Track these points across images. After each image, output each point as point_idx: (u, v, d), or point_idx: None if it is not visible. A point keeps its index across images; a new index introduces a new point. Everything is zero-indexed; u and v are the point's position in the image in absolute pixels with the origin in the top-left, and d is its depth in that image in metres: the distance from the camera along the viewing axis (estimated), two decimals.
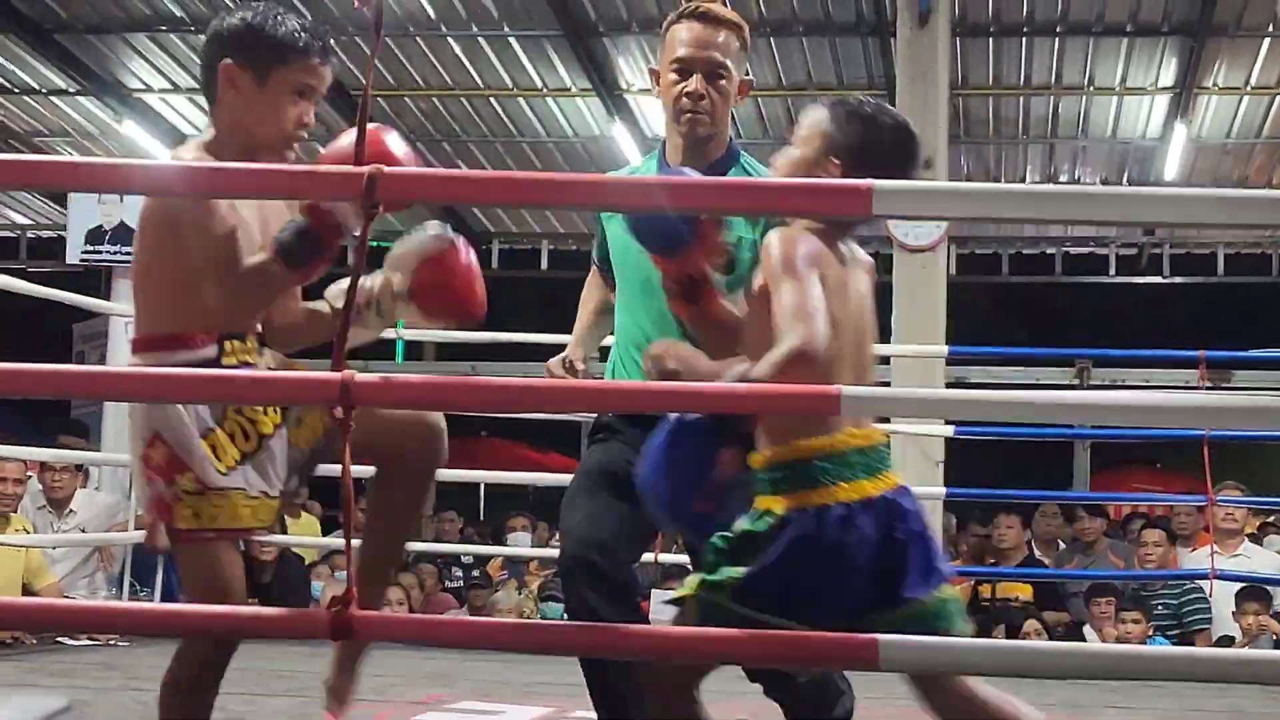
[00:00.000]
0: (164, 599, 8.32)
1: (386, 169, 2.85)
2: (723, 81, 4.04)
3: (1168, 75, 13.15)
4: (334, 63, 3.43)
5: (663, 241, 3.28)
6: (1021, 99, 13.85)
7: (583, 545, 3.90)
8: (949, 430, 8.62)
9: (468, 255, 3.36)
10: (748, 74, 4.17)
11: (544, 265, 17.38)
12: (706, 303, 3.36)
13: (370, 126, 2.97)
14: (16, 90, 14.52)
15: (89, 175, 3.40)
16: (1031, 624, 8.68)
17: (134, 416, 3.27)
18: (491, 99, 14.27)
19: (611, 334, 4.38)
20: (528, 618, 9.68)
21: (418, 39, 13.12)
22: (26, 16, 13.19)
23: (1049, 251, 16.77)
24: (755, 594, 3.02)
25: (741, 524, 3.06)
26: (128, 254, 10.40)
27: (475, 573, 10.92)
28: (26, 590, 7.98)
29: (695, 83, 4.00)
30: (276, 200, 3.36)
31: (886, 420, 8.87)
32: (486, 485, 15.57)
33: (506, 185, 3.64)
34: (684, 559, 10.01)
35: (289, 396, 3.30)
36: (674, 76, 4.01)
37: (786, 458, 3.06)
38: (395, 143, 3.20)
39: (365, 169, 2.81)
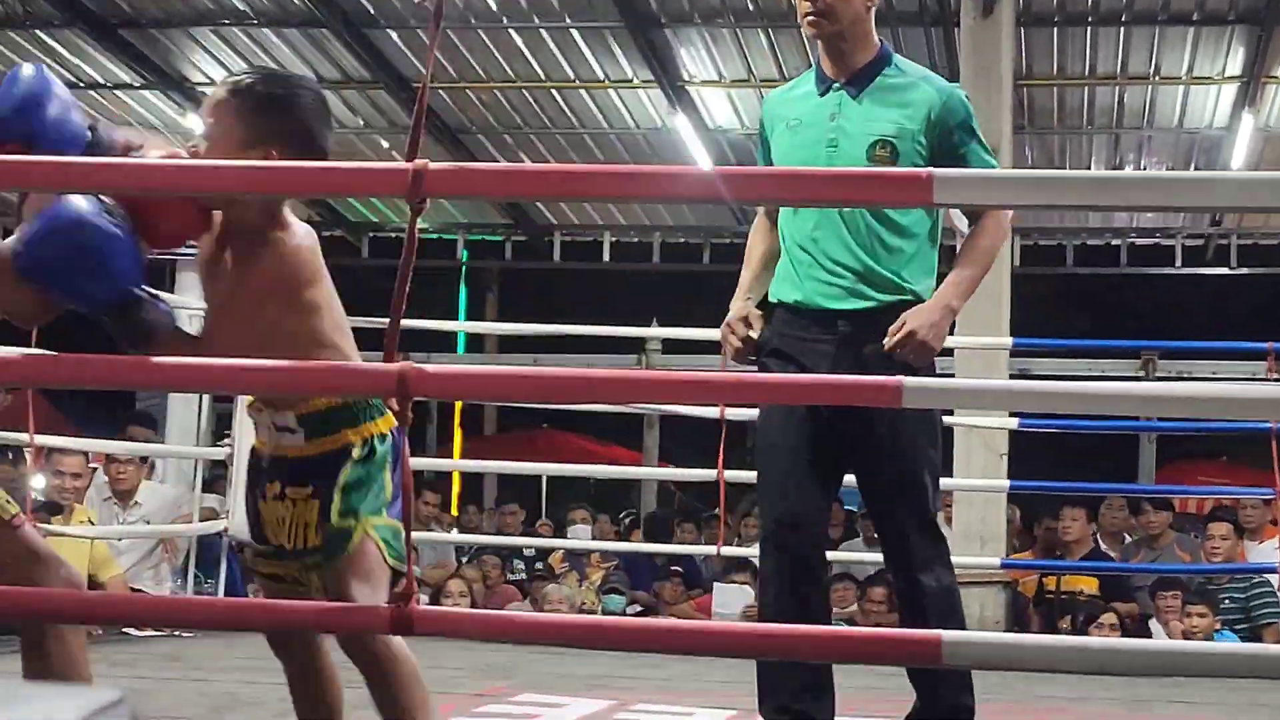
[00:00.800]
0: (228, 591, 8.36)
1: (432, 165, 2.85)
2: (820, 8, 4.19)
3: (1235, 64, 13.04)
4: None
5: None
6: (1086, 89, 13.76)
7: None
8: (1013, 423, 8.57)
9: None
10: None
11: (605, 257, 17.34)
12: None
13: None
14: (83, 84, 14.60)
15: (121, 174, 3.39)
16: (1108, 617, 8.62)
17: None
18: (553, 90, 14.26)
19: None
20: (588, 610, 9.68)
21: (479, 31, 13.12)
22: (92, 12, 13.27)
23: (1114, 243, 16.67)
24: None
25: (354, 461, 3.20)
26: (188, 249, 10.45)
27: (538, 565, 10.93)
28: (92, 582, 8.04)
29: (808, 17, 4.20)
30: None
31: (950, 412, 8.89)
32: (548, 477, 15.58)
33: (548, 178, 3.63)
34: (748, 551, 10.03)
35: (348, 388, 3.30)
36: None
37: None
38: None
39: (410, 165, 2.81)
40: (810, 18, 4.21)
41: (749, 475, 8.99)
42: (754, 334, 4.24)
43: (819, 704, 4.11)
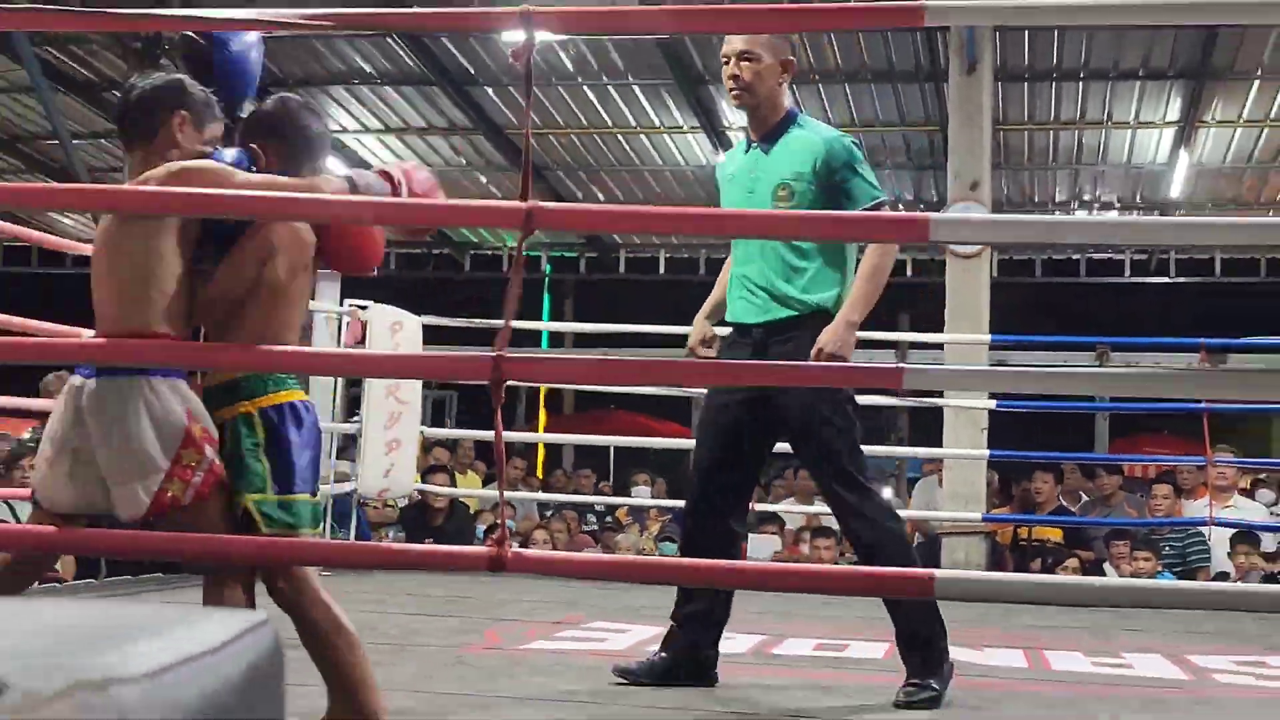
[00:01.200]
0: (357, 538, 8.39)
1: (541, 204, 2.87)
2: (752, 62, 4.26)
3: (1174, 111, 12.98)
4: None
5: None
6: (1052, 132, 13.72)
7: None
8: (991, 403, 8.56)
9: None
10: (792, 53, 4.38)
11: (662, 270, 17.37)
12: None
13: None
14: None
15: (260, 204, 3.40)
16: (1071, 561, 8.62)
17: (175, 396, 3.03)
18: (619, 135, 14.29)
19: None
20: (647, 554, 9.70)
21: (559, 87, 13.16)
22: None
23: (1075, 257, 16.60)
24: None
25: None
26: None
27: (608, 518, 10.98)
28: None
29: (731, 67, 4.28)
30: None
31: (941, 394, 8.85)
32: (615, 449, 15.60)
33: (633, 217, 3.65)
34: (777, 506, 10.04)
35: (444, 372, 3.31)
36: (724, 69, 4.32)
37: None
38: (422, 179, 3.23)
39: (525, 205, 2.83)
40: (734, 92, 4.33)
41: (779, 445, 9.03)
42: (711, 351, 4.47)
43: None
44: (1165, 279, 16.40)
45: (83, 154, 13.76)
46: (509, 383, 2.92)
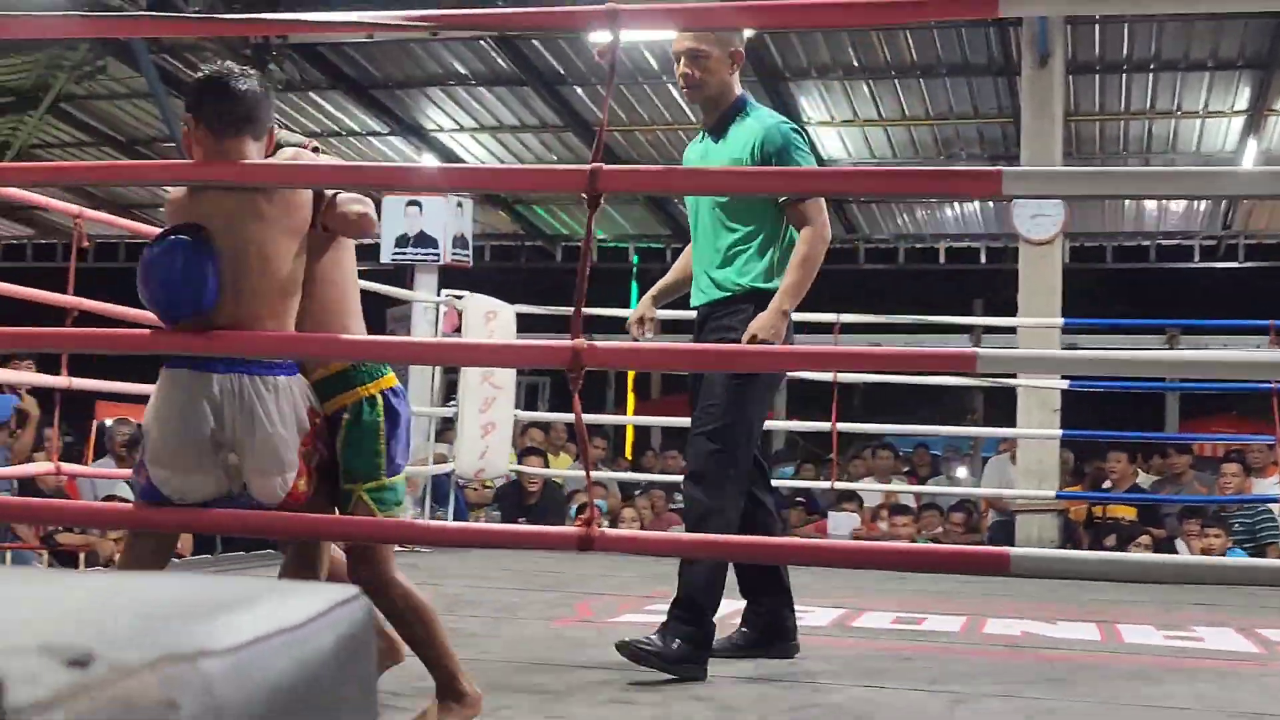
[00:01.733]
0: (455, 517, 8.43)
1: (605, 166, 2.84)
2: (700, 59, 4.23)
3: (1242, 101, 12.71)
4: None
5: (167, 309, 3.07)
6: (1122, 122, 13.49)
7: None
8: (1064, 384, 8.46)
9: None
10: (740, 44, 4.34)
11: (901, 260, 17.18)
12: None
13: None
14: (343, 133, 14.80)
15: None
16: (1143, 538, 8.49)
17: (301, 391, 3.05)
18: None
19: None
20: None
21: (644, 85, 13.13)
22: (351, 77, 13.45)
23: (1144, 244, 16.33)
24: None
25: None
26: (425, 254, 10.55)
27: None
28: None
29: (681, 66, 4.27)
30: None
31: (1014, 376, 8.74)
32: None
33: (697, 175, 3.65)
34: (856, 485, 9.98)
35: (527, 360, 3.31)
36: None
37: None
38: None
39: (589, 166, 2.81)
40: (686, 90, 4.33)
41: (857, 426, 9.01)
42: (645, 331, 4.45)
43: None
44: (1234, 264, 16.11)
45: None
46: (596, 369, 2.90)
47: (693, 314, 4.32)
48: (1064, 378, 8.25)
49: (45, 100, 14.17)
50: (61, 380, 5.67)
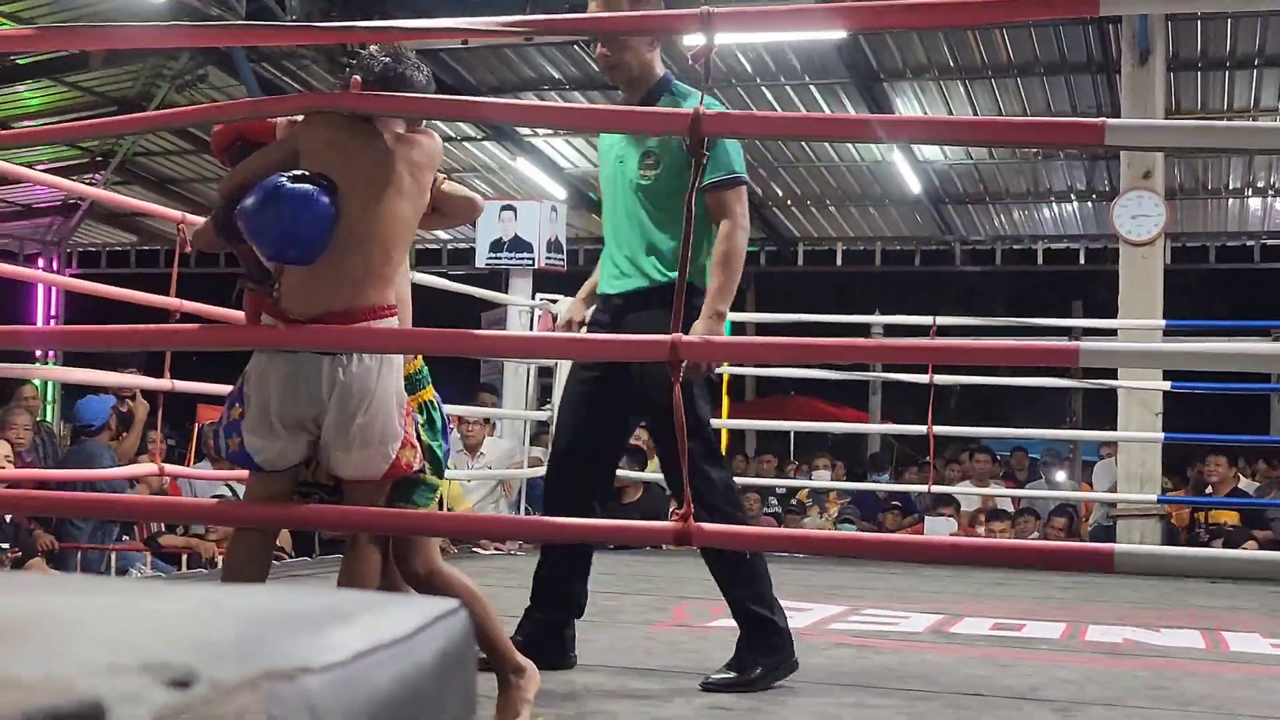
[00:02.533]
0: None
1: (707, 110, 2.84)
2: (615, 41, 4.02)
3: None
4: None
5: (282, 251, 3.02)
6: (1225, 120, 13.24)
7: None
8: (1166, 385, 8.32)
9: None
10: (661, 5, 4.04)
11: (839, 262, 17.20)
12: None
13: None
14: (443, 138, 14.93)
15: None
16: (1249, 543, 8.36)
17: (390, 375, 3.07)
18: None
19: None
20: None
21: (739, 89, 13.11)
22: (447, 84, 13.55)
23: (1248, 244, 16.02)
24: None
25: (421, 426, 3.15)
26: (519, 259, 10.59)
27: (790, 500, 10.92)
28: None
29: (600, 48, 4.08)
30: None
31: (1115, 377, 8.61)
32: (795, 433, 15.52)
33: (806, 123, 3.60)
34: (953, 489, 9.87)
35: (627, 354, 3.31)
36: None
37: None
38: None
39: (690, 110, 2.81)
40: (605, 72, 4.13)
41: (953, 429, 8.93)
42: (580, 332, 4.13)
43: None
44: None
45: None
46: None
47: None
48: (1166, 376, 8.12)
49: (149, 109, 14.43)
50: (164, 383, 5.75)
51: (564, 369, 8.12)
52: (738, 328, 17.41)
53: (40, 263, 17.69)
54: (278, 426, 2.99)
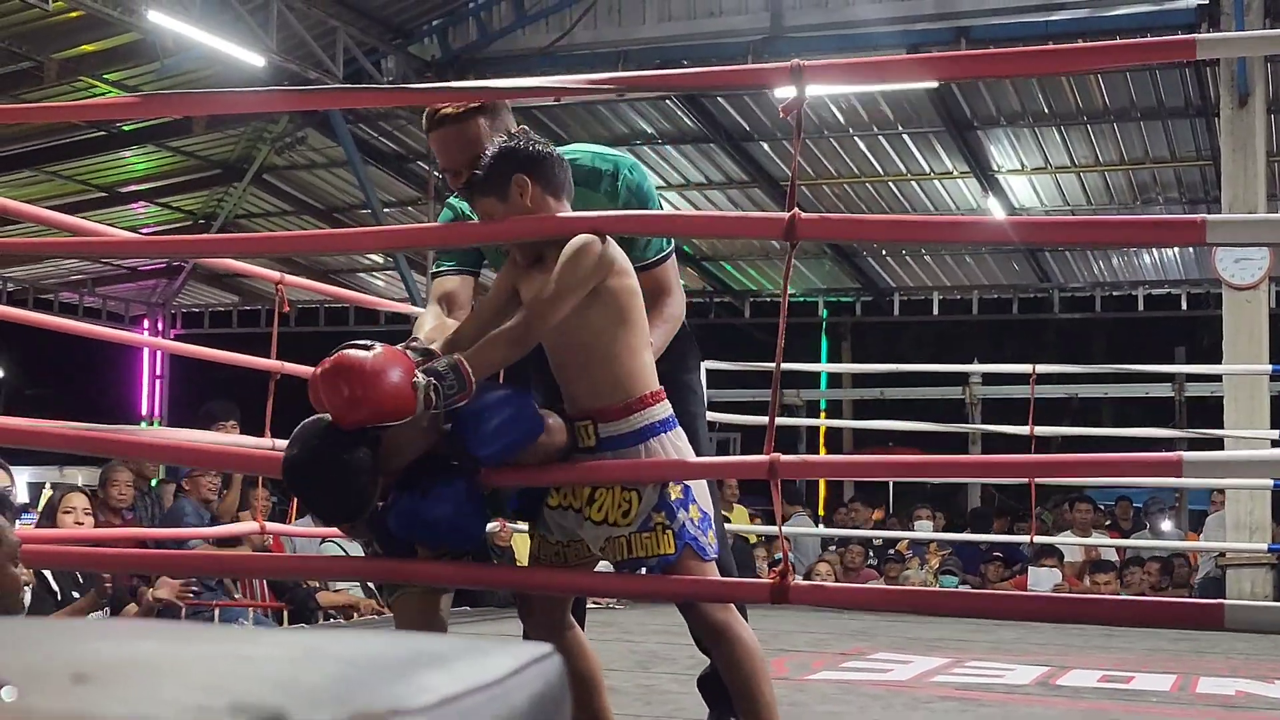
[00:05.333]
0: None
1: (802, 215, 2.80)
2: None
3: None
4: None
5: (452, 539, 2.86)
6: None
7: None
8: (1275, 434, 8.16)
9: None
10: (519, 125, 3.22)
11: (934, 311, 17.07)
12: None
13: None
14: None
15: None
16: None
17: None
18: (890, 182, 14.12)
19: None
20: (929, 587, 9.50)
21: (831, 139, 13.11)
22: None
23: None
24: None
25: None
26: None
27: (890, 551, 10.80)
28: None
29: (460, 180, 3.19)
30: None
31: (1219, 422, 8.45)
32: (894, 483, 15.39)
33: (894, 226, 3.57)
34: (1056, 539, 9.72)
35: (726, 473, 3.29)
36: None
37: None
38: None
39: (787, 214, 2.78)
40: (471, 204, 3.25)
41: (1056, 480, 8.80)
42: None
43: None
44: None
45: (391, 220, 14.26)
46: (791, 421, 2.86)
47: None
48: (1274, 425, 7.95)
49: (249, 172, 14.71)
50: (265, 441, 5.81)
51: None
52: (834, 378, 17.37)
53: (145, 324, 18.05)
54: None
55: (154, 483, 9.87)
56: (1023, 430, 7.77)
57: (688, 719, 3.97)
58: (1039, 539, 9.14)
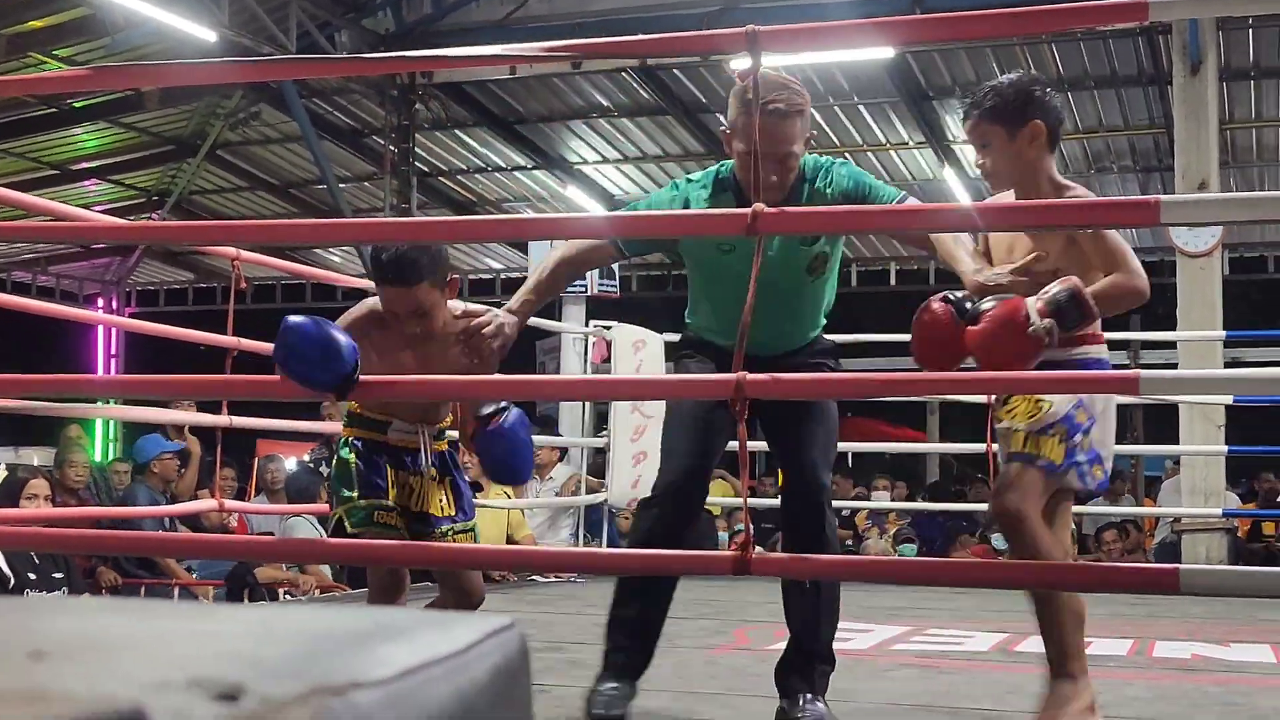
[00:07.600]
0: (609, 544, 8.43)
1: (765, 209, 2.80)
2: (791, 160, 3.74)
3: None
4: None
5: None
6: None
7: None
8: (1228, 399, 8.22)
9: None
10: (812, 130, 3.81)
11: (892, 282, 17.14)
12: None
13: None
14: (490, 169, 14.99)
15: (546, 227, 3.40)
16: None
17: None
18: (846, 153, 14.12)
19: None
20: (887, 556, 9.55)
21: None
22: (495, 113, 13.63)
23: None
24: None
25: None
26: (572, 286, 10.60)
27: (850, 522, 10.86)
28: (509, 540, 8.18)
29: (773, 168, 3.63)
30: None
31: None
32: (853, 453, 15.46)
33: (855, 217, 3.58)
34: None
35: (691, 392, 3.28)
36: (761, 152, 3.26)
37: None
38: None
39: (749, 210, 2.77)
40: (775, 189, 3.68)
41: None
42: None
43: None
44: None
45: (348, 196, 14.19)
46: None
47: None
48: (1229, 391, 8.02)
49: (203, 148, 14.58)
50: (222, 419, 5.78)
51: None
52: None
53: (100, 302, 17.91)
54: None
55: (103, 462, 9.79)
56: (980, 397, 7.81)
57: (656, 690, 3.97)
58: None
